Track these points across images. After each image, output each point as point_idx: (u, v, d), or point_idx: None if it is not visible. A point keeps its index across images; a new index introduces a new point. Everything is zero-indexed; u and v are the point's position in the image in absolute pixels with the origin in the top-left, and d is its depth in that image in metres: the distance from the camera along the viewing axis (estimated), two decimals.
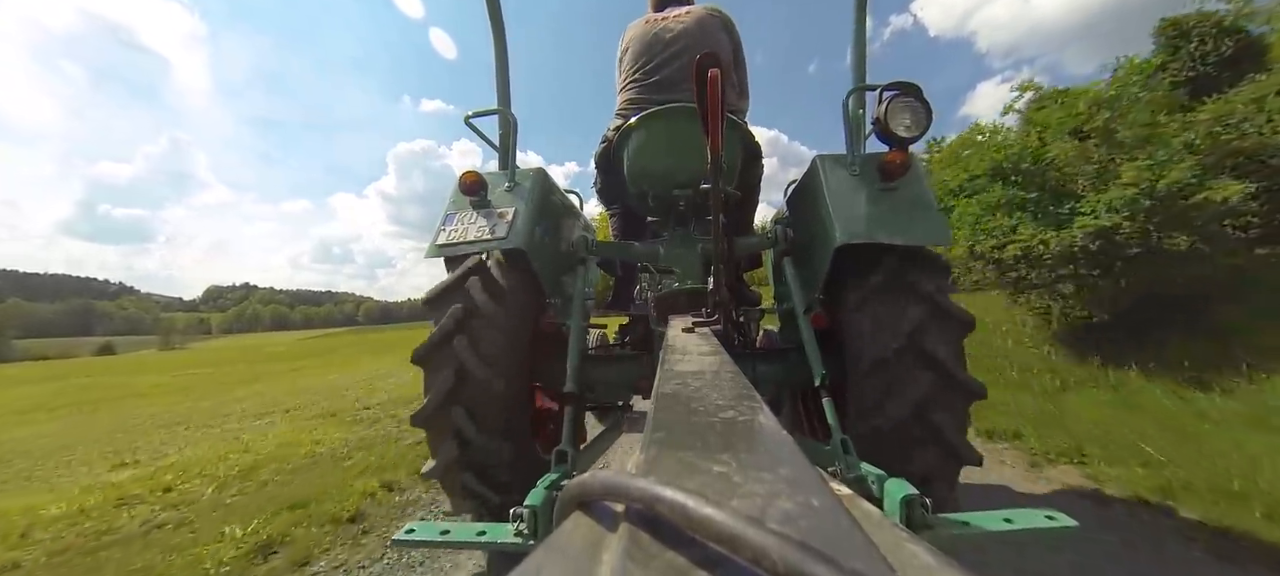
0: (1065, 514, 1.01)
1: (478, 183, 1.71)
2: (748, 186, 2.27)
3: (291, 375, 11.96)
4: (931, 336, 1.38)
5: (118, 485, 3.52)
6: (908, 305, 1.42)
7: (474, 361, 1.47)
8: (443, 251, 1.65)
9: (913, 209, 1.53)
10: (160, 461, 4.27)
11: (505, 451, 1.49)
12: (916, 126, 1.53)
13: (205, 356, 29.56)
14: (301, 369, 13.56)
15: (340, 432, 4.71)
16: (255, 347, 37.15)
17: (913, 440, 1.37)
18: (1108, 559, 1.95)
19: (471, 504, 1.53)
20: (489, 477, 1.49)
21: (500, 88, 2.09)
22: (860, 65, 1.86)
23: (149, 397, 9.86)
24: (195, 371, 16.30)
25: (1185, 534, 2.14)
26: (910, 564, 0.26)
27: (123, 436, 5.72)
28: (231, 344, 73.40)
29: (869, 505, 0.37)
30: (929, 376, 1.36)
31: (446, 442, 1.48)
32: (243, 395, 8.69)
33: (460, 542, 1.10)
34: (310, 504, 2.74)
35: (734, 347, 1.69)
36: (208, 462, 3.94)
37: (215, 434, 5.37)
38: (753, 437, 0.38)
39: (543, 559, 0.26)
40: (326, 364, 14.36)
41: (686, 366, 0.66)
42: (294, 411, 6.34)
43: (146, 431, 5.91)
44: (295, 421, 5.63)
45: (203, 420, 6.36)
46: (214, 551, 2.27)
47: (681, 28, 2.15)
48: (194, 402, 8.29)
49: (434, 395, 1.47)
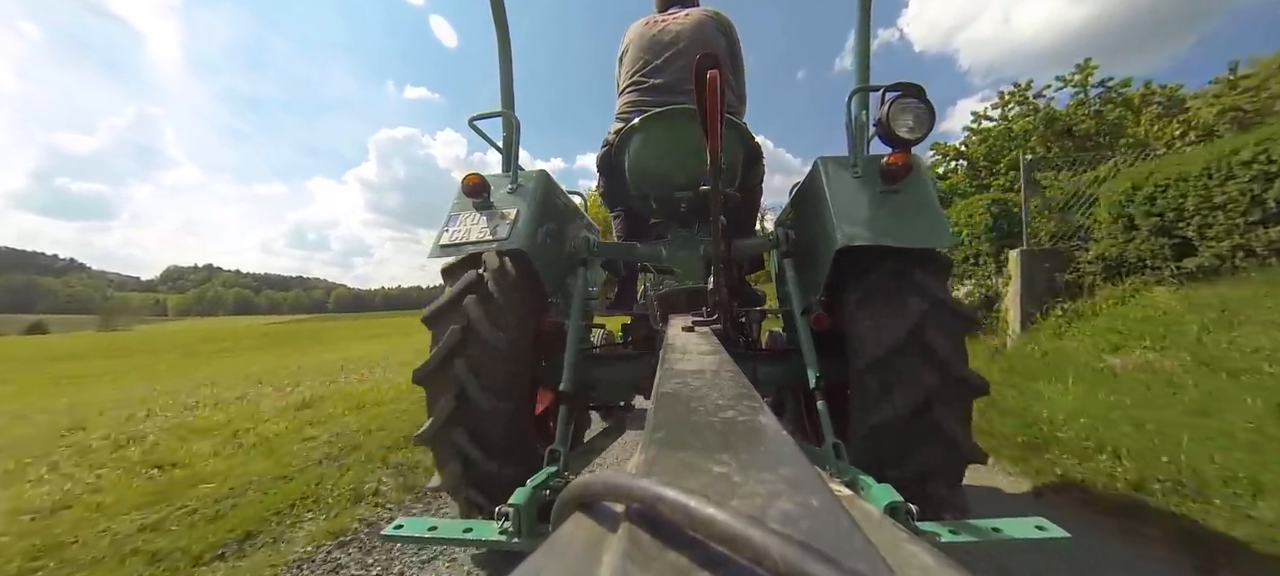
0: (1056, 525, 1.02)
1: (480, 184, 1.71)
2: (748, 188, 2.28)
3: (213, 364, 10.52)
4: (933, 332, 1.37)
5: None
6: (909, 300, 1.41)
7: (482, 319, 1.50)
8: (446, 252, 1.66)
9: (915, 211, 1.51)
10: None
11: (502, 415, 1.51)
12: (919, 128, 1.52)
13: (138, 342, 27.25)
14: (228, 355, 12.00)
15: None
16: (207, 332, 33.77)
17: (915, 437, 1.36)
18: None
19: (460, 471, 1.55)
20: (482, 440, 1.51)
21: (504, 90, 2.10)
22: (863, 67, 1.86)
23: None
24: (87, 365, 13.74)
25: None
26: (910, 564, 0.26)
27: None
28: (183, 328, 67.90)
29: (869, 506, 0.37)
30: (929, 373, 1.35)
31: (451, 463, 1.52)
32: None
33: (446, 539, 1.12)
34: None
35: (735, 348, 1.69)
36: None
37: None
38: (753, 437, 0.38)
39: (543, 559, 0.26)
40: (269, 354, 13.05)
41: (686, 366, 0.66)
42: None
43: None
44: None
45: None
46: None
47: (680, 29, 2.15)
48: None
49: (436, 417, 1.50)
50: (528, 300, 1.64)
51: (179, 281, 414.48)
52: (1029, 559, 1.74)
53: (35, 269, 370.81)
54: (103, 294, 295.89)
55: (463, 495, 1.54)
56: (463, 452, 1.49)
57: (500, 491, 1.18)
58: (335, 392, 5.52)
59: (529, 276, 1.65)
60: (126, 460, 3.31)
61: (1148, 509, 2.06)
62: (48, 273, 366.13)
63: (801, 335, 1.50)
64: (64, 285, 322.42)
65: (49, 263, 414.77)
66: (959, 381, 1.36)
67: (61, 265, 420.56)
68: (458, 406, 1.48)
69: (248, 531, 2.16)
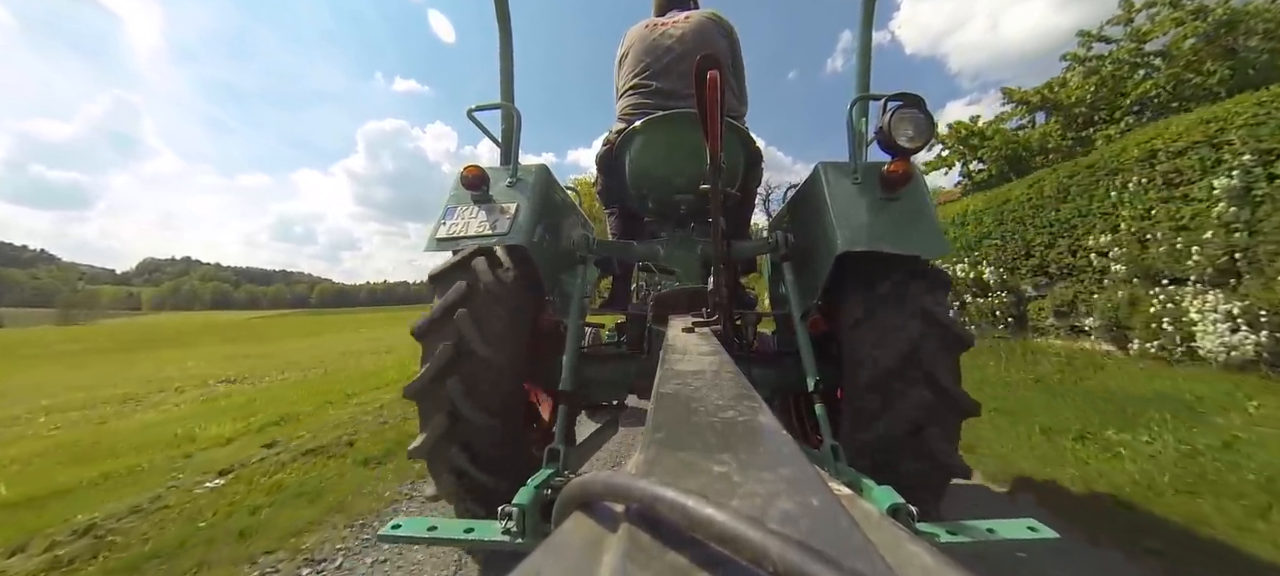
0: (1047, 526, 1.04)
1: (480, 177, 1.69)
2: (746, 190, 2.29)
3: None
4: (929, 353, 1.40)
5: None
6: (907, 320, 1.43)
7: (474, 335, 1.46)
8: (443, 245, 1.63)
9: (913, 220, 1.55)
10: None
11: (495, 430, 1.47)
12: (919, 138, 1.54)
13: (89, 335, 25.38)
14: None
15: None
16: (175, 326, 30.87)
17: (905, 453, 1.39)
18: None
19: (454, 483, 1.51)
20: (476, 456, 1.48)
21: (504, 81, 2.07)
22: (864, 76, 1.88)
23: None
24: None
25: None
26: (910, 564, 0.26)
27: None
28: (149, 322, 62.88)
29: (869, 505, 0.38)
30: (925, 393, 1.38)
31: (437, 416, 1.46)
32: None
33: (447, 539, 1.07)
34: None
35: (734, 349, 1.72)
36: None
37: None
38: (753, 437, 0.38)
39: (542, 559, 0.26)
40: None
41: (686, 366, 0.66)
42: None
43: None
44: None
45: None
46: None
47: (681, 32, 2.16)
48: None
49: (431, 365, 1.45)
50: (525, 298, 1.62)
51: (154, 274, 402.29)
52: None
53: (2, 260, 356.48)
54: (72, 286, 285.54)
55: (444, 456, 1.50)
56: (457, 467, 1.46)
57: (499, 499, 1.17)
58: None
59: (528, 273, 1.64)
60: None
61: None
62: (14, 264, 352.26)
63: (800, 339, 1.51)
64: (30, 276, 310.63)
65: (16, 253, 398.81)
66: (951, 401, 1.38)
67: (30, 255, 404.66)
68: (451, 425, 1.44)
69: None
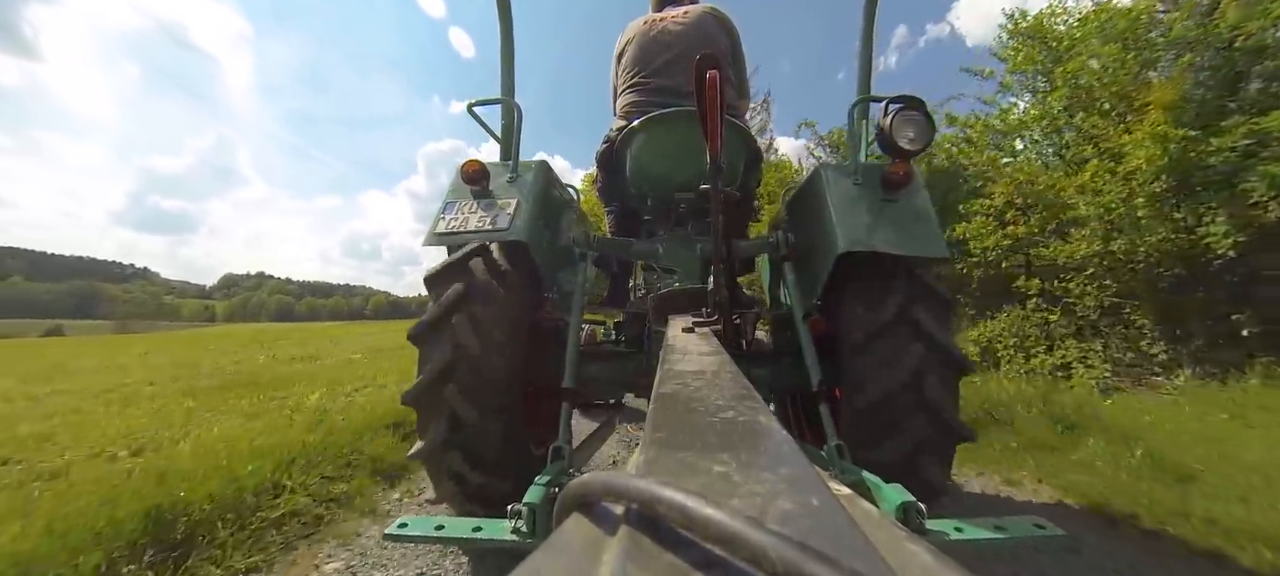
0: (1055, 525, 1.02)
1: (480, 171, 1.68)
2: (746, 189, 2.26)
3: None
4: (931, 382, 1.42)
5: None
6: (909, 344, 1.44)
7: (471, 340, 1.44)
8: (442, 240, 1.62)
9: (913, 221, 1.56)
10: None
11: (495, 433, 1.46)
12: (919, 140, 1.56)
13: (125, 344, 25.43)
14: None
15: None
16: (215, 335, 29.20)
17: (894, 474, 1.36)
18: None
19: (454, 487, 1.50)
20: (477, 460, 1.47)
21: (505, 76, 2.05)
22: (865, 78, 1.88)
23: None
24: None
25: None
26: (910, 564, 0.26)
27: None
28: (205, 332, 63.52)
29: (869, 505, 0.37)
30: (923, 422, 1.39)
31: (437, 423, 1.45)
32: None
33: (454, 539, 1.06)
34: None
35: (734, 349, 1.71)
36: None
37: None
38: (753, 437, 0.38)
39: (542, 559, 0.26)
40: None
41: (686, 366, 0.65)
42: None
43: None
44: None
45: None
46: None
47: (681, 29, 2.14)
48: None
49: (428, 371, 1.44)
50: (524, 296, 1.62)
51: (231, 288, 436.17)
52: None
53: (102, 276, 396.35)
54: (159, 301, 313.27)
55: (443, 462, 1.50)
56: (458, 472, 1.46)
57: (500, 501, 1.18)
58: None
59: (527, 269, 1.64)
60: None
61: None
62: (115, 280, 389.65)
63: (802, 338, 1.51)
64: (124, 291, 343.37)
65: (121, 271, 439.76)
66: (946, 356, 1.43)
67: (131, 272, 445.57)
68: (450, 432, 1.43)
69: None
